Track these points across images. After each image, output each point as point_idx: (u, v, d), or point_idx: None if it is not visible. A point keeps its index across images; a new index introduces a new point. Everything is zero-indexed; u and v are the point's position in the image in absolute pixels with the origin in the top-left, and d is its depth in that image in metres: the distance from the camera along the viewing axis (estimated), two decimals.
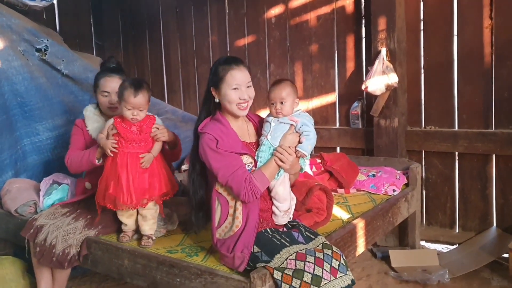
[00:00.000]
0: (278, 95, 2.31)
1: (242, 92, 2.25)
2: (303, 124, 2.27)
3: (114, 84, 2.84)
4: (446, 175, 3.89)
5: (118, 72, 2.96)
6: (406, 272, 3.35)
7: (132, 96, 2.53)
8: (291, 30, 4.59)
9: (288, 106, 2.31)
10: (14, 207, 3.13)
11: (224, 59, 2.34)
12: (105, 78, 2.91)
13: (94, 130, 2.91)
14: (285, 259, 2.04)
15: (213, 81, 2.30)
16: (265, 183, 2.20)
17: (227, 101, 2.26)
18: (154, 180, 2.61)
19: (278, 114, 2.31)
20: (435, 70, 3.86)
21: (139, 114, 2.58)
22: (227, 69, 2.26)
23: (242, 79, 2.26)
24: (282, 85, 2.33)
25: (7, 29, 3.45)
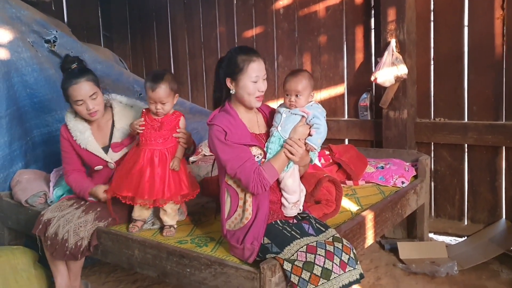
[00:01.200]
0: (294, 87, 2.26)
1: (260, 85, 2.25)
2: (314, 117, 2.24)
3: (84, 91, 2.70)
4: (455, 167, 3.87)
5: (82, 74, 2.72)
6: (414, 264, 3.34)
7: (151, 90, 2.50)
8: (300, 21, 4.57)
9: (303, 99, 2.27)
10: (24, 198, 3.15)
11: (243, 49, 2.29)
12: (72, 87, 2.69)
13: (82, 140, 2.83)
14: (296, 251, 2.04)
15: (230, 71, 2.25)
16: (274, 175, 2.20)
17: (246, 93, 2.24)
18: (173, 181, 2.60)
19: (291, 106, 2.29)
20: (445, 61, 3.83)
21: (163, 108, 2.55)
22: (248, 60, 2.22)
23: (262, 71, 2.25)
24: (299, 78, 2.27)
25: (16, 21, 3.47)
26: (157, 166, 2.58)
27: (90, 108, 2.73)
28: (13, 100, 3.45)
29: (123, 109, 2.95)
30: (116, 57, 5.00)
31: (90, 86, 2.73)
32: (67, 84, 2.72)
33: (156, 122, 2.62)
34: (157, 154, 2.60)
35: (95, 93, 2.75)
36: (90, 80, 2.74)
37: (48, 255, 2.76)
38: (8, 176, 3.42)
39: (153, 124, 2.62)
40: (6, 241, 3.40)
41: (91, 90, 2.73)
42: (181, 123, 2.69)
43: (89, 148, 2.84)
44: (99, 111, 2.80)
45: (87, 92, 2.71)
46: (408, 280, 3.21)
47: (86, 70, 2.82)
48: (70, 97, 2.74)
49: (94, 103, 2.75)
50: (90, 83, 2.74)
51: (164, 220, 2.67)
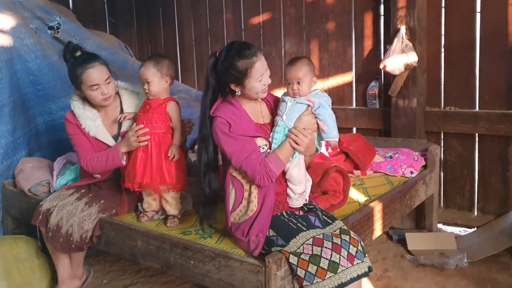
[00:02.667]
0: (295, 75, 2.21)
1: (266, 79, 2.19)
2: (320, 106, 2.18)
3: (100, 74, 2.65)
4: (466, 157, 3.79)
5: (95, 59, 2.68)
6: (423, 256, 3.29)
7: (140, 70, 2.54)
8: (307, 7, 4.47)
9: (305, 86, 2.22)
10: (27, 187, 3.12)
11: (240, 53, 2.13)
12: (88, 71, 2.62)
13: (92, 128, 2.75)
14: (302, 244, 1.99)
15: (234, 78, 2.15)
16: (280, 166, 2.14)
17: (254, 92, 2.19)
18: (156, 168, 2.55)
19: (295, 94, 2.23)
20: (456, 48, 3.73)
21: (149, 88, 2.53)
22: (251, 63, 2.12)
23: (264, 66, 2.18)
24: (299, 65, 2.23)
25: (19, 6, 3.41)
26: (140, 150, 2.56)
27: (105, 92, 2.68)
28: (16, 87, 3.41)
29: (130, 96, 2.90)
30: (122, 44, 4.94)
31: (105, 70, 2.70)
32: (80, 69, 2.63)
33: (147, 105, 2.59)
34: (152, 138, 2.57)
35: (109, 77, 2.71)
36: (103, 64, 2.71)
37: (49, 246, 2.73)
38: (12, 164, 3.39)
39: (144, 107, 2.60)
40: (9, 230, 3.39)
41: (106, 74, 2.70)
42: (168, 107, 2.61)
43: (99, 136, 2.77)
44: (112, 96, 2.75)
45: (103, 76, 2.67)
46: (417, 272, 3.15)
47: (96, 55, 2.75)
48: (83, 82, 2.65)
49: (109, 87, 2.70)
50: (104, 67, 2.70)
51: (166, 210, 2.64)
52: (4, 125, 3.30)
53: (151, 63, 2.52)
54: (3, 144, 3.30)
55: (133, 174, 2.54)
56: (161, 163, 2.54)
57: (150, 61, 2.53)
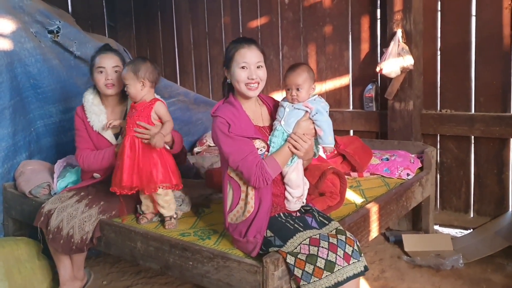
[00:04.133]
0: (294, 81, 2.24)
1: (251, 72, 2.20)
2: (317, 112, 2.21)
3: (109, 60, 2.82)
4: (462, 159, 3.84)
5: (113, 51, 2.91)
6: (419, 257, 3.33)
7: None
8: (305, 11, 4.52)
9: (304, 92, 2.25)
10: (28, 189, 3.15)
11: (238, 39, 2.32)
12: (100, 55, 2.85)
13: (96, 123, 2.85)
14: (299, 244, 2.02)
15: (225, 61, 2.29)
16: (276, 169, 2.17)
17: (236, 80, 2.23)
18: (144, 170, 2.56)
19: (293, 100, 2.25)
20: (452, 51, 3.78)
21: (127, 91, 2.61)
22: (237, 47, 2.23)
23: (252, 58, 2.21)
24: (299, 71, 2.26)
25: (19, 10, 3.44)
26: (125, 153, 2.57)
27: (109, 78, 2.80)
28: (17, 91, 3.43)
29: None
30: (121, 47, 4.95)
31: (116, 60, 2.85)
32: (96, 54, 2.87)
33: (133, 109, 2.65)
34: (130, 141, 2.59)
35: (118, 66, 2.83)
36: (118, 55, 2.88)
37: (50, 247, 2.76)
38: (12, 167, 3.42)
39: (131, 111, 2.66)
40: (10, 232, 3.41)
41: (115, 62, 2.84)
42: (155, 109, 2.63)
43: (103, 133, 2.86)
44: (115, 87, 2.84)
45: (111, 63, 2.81)
46: (413, 273, 3.19)
47: (119, 52, 2.96)
48: (94, 66, 2.83)
49: (114, 75, 2.81)
50: (117, 57, 2.86)
51: (162, 213, 2.66)
52: (4, 128, 3.32)
53: (129, 66, 2.61)
54: (4, 147, 3.33)
55: (119, 178, 2.55)
56: (148, 164, 2.57)
57: (129, 64, 2.63)
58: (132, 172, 2.55)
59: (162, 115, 2.64)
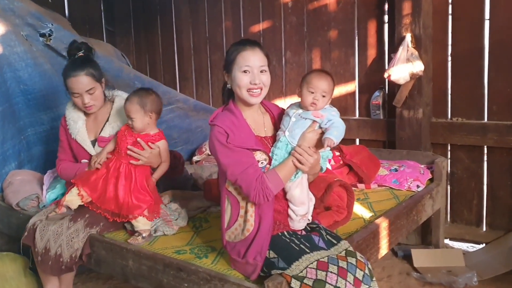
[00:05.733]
0: (323, 86, 2.06)
1: (254, 76, 2.03)
2: (329, 120, 2.03)
3: (81, 85, 2.65)
4: (473, 170, 3.66)
5: (82, 67, 2.66)
6: (430, 274, 3.14)
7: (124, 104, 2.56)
8: (309, 15, 4.35)
9: (326, 101, 2.08)
10: (15, 201, 3.00)
11: (240, 40, 2.15)
12: (70, 79, 2.66)
13: (74, 130, 2.79)
14: (305, 268, 1.84)
15: (225, 64, 2.11)
16: (279, 184, 1.99)
17: (237, 85, 2.06)
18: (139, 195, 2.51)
19: (312, 105, 2.06)
20: (463, 57, 3.61)
21: (133, 124, 2.54)
22: (239, 49, 2.06)
23: (255, 62, 2.04)
24: (329, 79, 2.10)
25: (9, 13, 3.28)
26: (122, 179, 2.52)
27: (86, 102, 2.69)
28: (6, 97, 3.28)
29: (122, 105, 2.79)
30: (118, 52, 4.84)
31: (88, 81, 2.68)
32: (66, 74, 2.69)
33: (133, 137, 2.57)
34: (123, 168, 2.54)
35: (92, 88, 2.69)
36: (89, 74, 2.68)
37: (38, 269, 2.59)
38: (0, 177, 3.26)
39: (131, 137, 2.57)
40: None
41: (89, 85, 2.68)
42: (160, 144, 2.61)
43: (78, 138, 2.79)
44: (96, 106, 2.75)
45: (84, 87, 2.67)
46: None
47: (89, 62, 2.74)
48: (67, 87, 2.72)
49: (91, 97, 2.71)
50: (88, 77, 2.68)
51: (134, 226, 2.51)
52: None
53: (135, 98, 2.52)
54: None
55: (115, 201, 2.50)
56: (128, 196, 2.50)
57: (134, 97, 2.53)
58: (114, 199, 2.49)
59: (162, 153, 2.62)
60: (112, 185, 2.50)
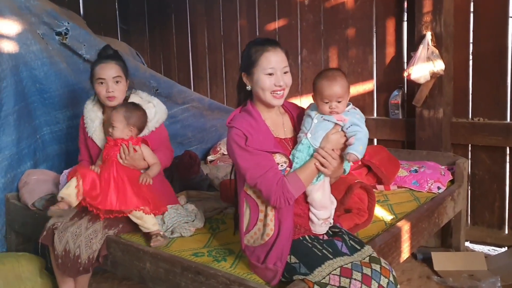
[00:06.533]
0: (335, 92, 1.95)
1: (278, 78, 1.97)
2: (352, 124, 1.94)
3: (110, 71, 2.67)
4: (495, 172, 3.57)
5: (113, 58, 2.75)
6: (451, 278, 3.06)
7: None
8: (326, 13, 4.28)
9: (344, 104, 1.98)
10: (31, 201, 2.97)
11: (258, 40, 2.07)
12: (100, 65, 2.70)
13: (90, 129, 2.79)
14: (328, 274, 1.78)
15: (244, 65, 2.04)
16: (300, 188, 1.93)
17: (260, 88, 1.99)
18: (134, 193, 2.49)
19: (332, 113, 1.97)
20: (485, 56, 3.52)
21: (112, 132, 2.56)
22: (261, 50, 1.99)
23: (278, 63, 1.98)
24: (339, 81, 1.97)
25: (25, 11, 3.25)
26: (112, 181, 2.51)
27: (110, 90, 2.67)
28: (22, 96, 3.25)
29: (138, 101, 2.79)
30: (133, 51, 4.80)
31: (117, 69, 2.71)
32: (96, 63, 2.74)
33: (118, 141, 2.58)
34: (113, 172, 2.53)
35: (119, 76, 2.71)
36: (119, 65, 2.73)
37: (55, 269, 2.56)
38: (16, 176, 3.23)
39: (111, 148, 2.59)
40: (13, 246, 3.22)
41: (116, 73, 2.70)
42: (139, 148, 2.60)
43: (94, 137, 2.79)
44: (117, 98, 2.72)
45: (112, 73, 2.68)
46: None
47: (120, 57, 2.81)
48: (94, 76, 2.71)
49: (115, 87, 2.69)
50: (118, 66, 2.72)
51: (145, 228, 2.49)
52: (8, 135, 3.14)
53: (122, 109, 2.56)
54: (7, 156, 3.14)
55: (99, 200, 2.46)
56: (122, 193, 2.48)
57: (123, 107, 2.58)
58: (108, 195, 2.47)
59: (146, 157, 2.62)
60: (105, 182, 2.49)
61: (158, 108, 2.81)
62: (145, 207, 2.47)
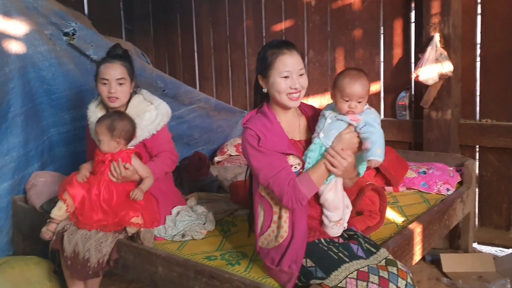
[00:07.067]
0: (357, 92, 1.93)
1: (294, 81, 1.97)
2: (366, 124, 1.92)
3: (114, 72, 2.64)
4: (503, 173, 3.55)
5: (120, 59, 2.70)
6: (461, 280, 3.05)
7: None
8: (333, 14, 4.27)
9: (363, 105, 1.97)
10: (39, 203, 2.95)
11: (274, 43, 2.07)
12: (105, 64, 2.66)
13: (92, 130, 2.74)
14: (344, 278, 1.78)
15: (261, 68, 2.04)
16: (312, 188, 1.92)
17: (276, 90, 1.99)
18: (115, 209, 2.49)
19: (350, 112, 1.96)
20: (493, 57, 3.51)
21: (100, 146, 2.52)
22: (277, 53, 1.98)
23: (294, 65, 1.98)
24: (361, 80, 1.95)
25: (33, 11, 3.24)
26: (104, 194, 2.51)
27: (112, 91, 2.64)
28: (29, 97, 3.24)
29: (138, 105, 2.78)
30: (138, 51, 4.79)
31: (122, 71, 2.67)
32: (101, 62, 2.71)
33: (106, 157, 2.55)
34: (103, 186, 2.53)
35: (123, 78, 2.67)
36: (124, 66, 2.69)
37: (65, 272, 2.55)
38: (23, 178, 3.22)
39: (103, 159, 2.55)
40: (20, 249, 3.20)
41: (120, 74, 2.66)
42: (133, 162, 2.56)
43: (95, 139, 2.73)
44: (119, 100, 2.69)
45: (115, 74, 2.64)
46: None
47: (127, 58, 2.76)
48: (98, 75, 2.68)
49: (118, 88, 2.65)
50: (123, 68, 2.68)
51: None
52: (16, 136, 3.13)
53: (105, 121, 2.50)
54: (15, 157, 3.13)
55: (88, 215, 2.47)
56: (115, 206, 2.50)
57: (106, 119, 2.51)
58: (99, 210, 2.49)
59: (138, 171, 2.57)
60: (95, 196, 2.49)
61: (159, 110, 2.77)
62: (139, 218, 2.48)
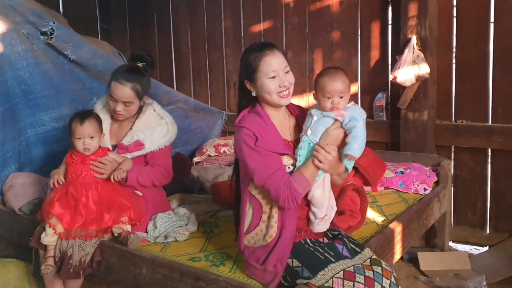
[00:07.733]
0: (338, 88, 1.99)
1: (281, 79, 2.00)
2: (351, 119, 1.96)
3: (122, 94, 2.63)
4: (478, 173, 3.65)
5: (132, 79, 2.65)
6: (438, 277, 3.12)
7: (79, 125, 2.52)
8: (311, 15, 4.31)
9: (346, 100, 2.02)
10: (18, 205, 2.90)
11: (254, 46, 2.08)
12: (116, 83, 2.64)
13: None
14: (331, 277, 1.81)
15: (246, 73, 2.05)
16: (306, 185, 1.94)
17: (266, 92, 2.01)
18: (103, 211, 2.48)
19: (333, 109, 2.00)
20: (468, 60, 3.59)
21: (90, 144, 2.54)
22: (260, 56, 2.00)
23: (279, 64, 2.01)
24: (340, 76, 2.01)
25: (10, 10, 3.15)
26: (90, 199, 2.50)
27: (117, 110, 2.67)
28: (6, 97, 3.17)
29: (150, 116, 2.80)
30: (115, 51, 4.73)
31: (130, 95, 2.65)
32: (114, 76, 2.68)
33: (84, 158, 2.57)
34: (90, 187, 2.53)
35: (130, 102, 2.67)
36: (134, 89, 2.65)
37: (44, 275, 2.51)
38: (0, 180, 3.15)
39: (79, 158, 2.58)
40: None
41: (129, 98, 2.66)
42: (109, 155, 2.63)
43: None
44: (124, 116, 2.72)
45: (123, 97, 2.64)
46: None
47: (141, 77, 2.71)
48: (109, 87, 2.69)
49: (125, 108, 2.67)
50: (132, 92, 2.65)
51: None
52: None
53: (92, 119, 2.57)
54: None
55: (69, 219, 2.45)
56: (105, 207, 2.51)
57: (91, 117, 2.58)
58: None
59: (116, 159, 2.63)
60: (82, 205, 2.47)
61: (170, 127, 2.81)
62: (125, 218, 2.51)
